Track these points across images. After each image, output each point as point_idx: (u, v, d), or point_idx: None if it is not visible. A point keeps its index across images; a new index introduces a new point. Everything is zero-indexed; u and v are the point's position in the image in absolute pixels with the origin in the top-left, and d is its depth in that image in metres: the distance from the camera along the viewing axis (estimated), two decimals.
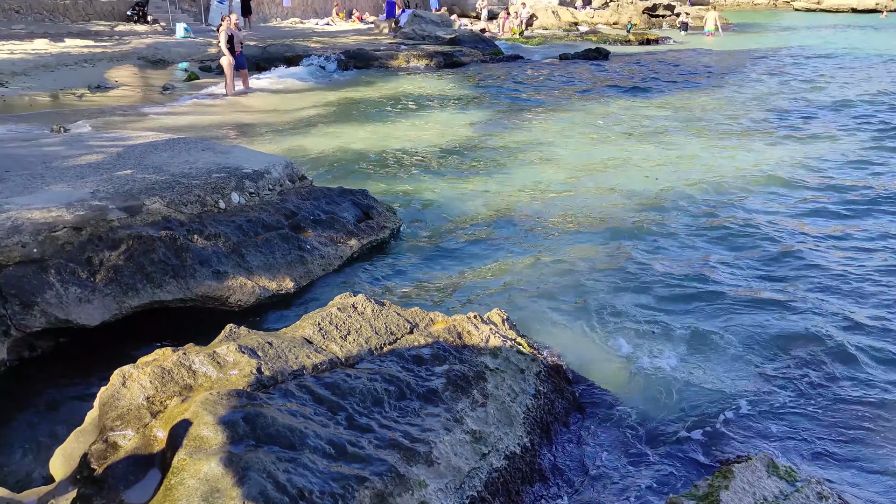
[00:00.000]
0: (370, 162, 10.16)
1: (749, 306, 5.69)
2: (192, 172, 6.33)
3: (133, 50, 20.36)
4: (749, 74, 19.80)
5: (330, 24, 32.77)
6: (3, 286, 4.32)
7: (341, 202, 7.13)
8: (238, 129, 12.19)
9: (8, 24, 22.85)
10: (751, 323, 5.39)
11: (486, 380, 3.96)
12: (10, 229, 4.62)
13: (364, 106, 14.77)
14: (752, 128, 12.64)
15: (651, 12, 39.29)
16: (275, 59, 20.54)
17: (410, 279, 6.24)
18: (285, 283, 5.61)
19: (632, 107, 14.76)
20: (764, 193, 8.74)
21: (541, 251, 6.85)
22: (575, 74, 19.97)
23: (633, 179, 9.25)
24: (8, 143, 7.06)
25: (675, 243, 7.09)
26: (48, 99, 13.80)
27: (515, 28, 33.67)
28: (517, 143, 11.35)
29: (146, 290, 4.90)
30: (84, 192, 5.51)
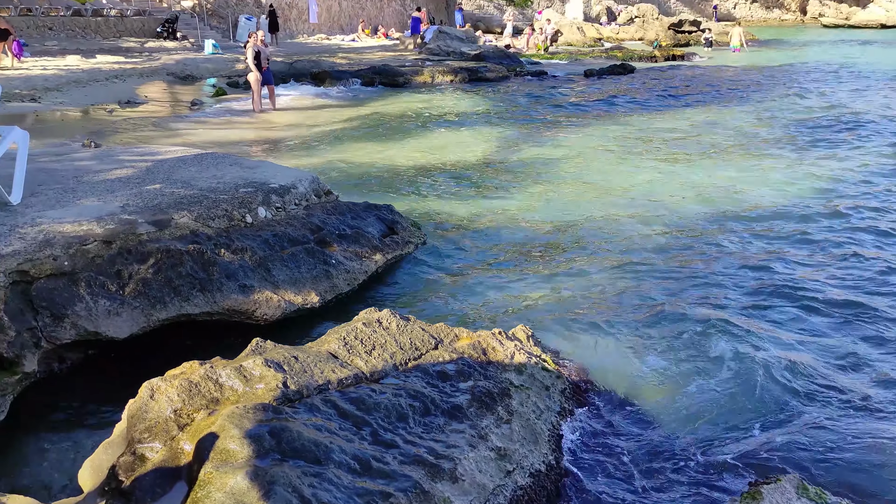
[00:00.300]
0: (395, 177, 10.21)
1: (777, 325, 5.62)
2: (219, 187, 6.40)
3: (162, 66, 20.68)
4: (774, 90, 19.66)
5: (356, 40, 33.06)
6: (35, 298, 4.38)
7: (366, 217, 7.16)
8: (265, 144, 12.31)
9: (42, 41, 23.32)
10: (779, 342, 5.33)
11: (510, 396, 3.95)
12: (42, 242, 4.70)
13: (389, 121, 14.86)
14: (778, 144, 12.53)
15: (676, 28, 39.19)
16: (301, 74, 20.75)
17: (434, 294, 6.24)
18: (310, 297, 5.64)
19: (657, 123, 14.71)
20: (793, 211, 8.65)
21: (566, 267, 6.83)
22: (600, 90, 19.95)
23: (660, 197, 9.20)
24: (41, 158, 7.18)
25: (702, 262, 7.03)
26: (79, 114, 14.03)
27: (540, 44, 33.75)
28: (542, 160, 11.35)
29: (174, 304, 4.95)
30: (114, 206, 5.59)
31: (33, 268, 4.47)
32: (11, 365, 3.97)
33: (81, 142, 10.57)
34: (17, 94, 14.47)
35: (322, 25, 34.46)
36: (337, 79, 20.28)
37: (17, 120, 11.97)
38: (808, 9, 62.39)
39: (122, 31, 26.29)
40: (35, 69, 18.26)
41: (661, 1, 56.47)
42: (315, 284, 5.78)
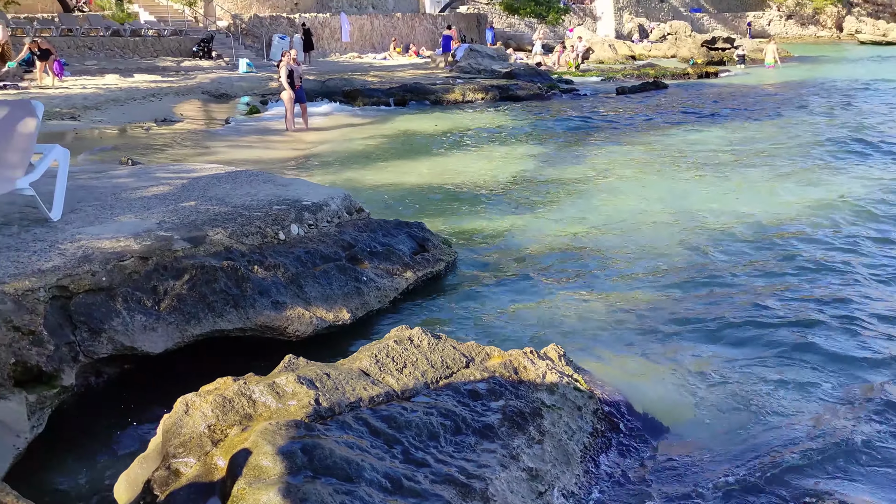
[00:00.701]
0: (426, 194, 10.26)
1: (821, 344, 5.52)
2: (253, 204, 6.48)
3: (198, 84, 21.05)
4: (808, 107, 19.44)
5: (387, 58, 33.36)
6: (74, 313, 4.46)
7: (397, 234, 7.19)
8: (297, 161, 12.45)
9: (82, 60, 23.87)
10: (824, 361, 5.22)
11: (542, 416, 3.93)
12: (81, 258, 4.79)
13: (420, 139, 14.95)
14: (812, 161, 12.38)
15: (710, 45, 38.97)
16: (334, 92, 20.99)
17: (465, 312, 6.24)
18: (342, 314, 5.67)
19: (691, 139, 14.62)
20: (832, 227, 8.52)
21: (598, 286, 6.79)
22: (632, 107, 19.90)
23: (694, 214, 9.13)
24: (81, 175, 7.34)
25: (739, 279, 6.95)
26: (116, 132, 14.31)
27: (571, 61, 33.76)
28: (573, 177, 11.33)
29: (208, 319, 5.00)
30: (151, 222, 5.68)
31: (72, 283, 4.56)
32: (50, 378, 4.03)
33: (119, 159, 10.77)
34: (58, 113, 14.81)
35: (354, 44, 34.83)
36: (368, 97, 20.48)
37: (57, 138, 12.25)
38: (845, 25, 61.69)
39: (160, 51, 26.81)
40: (75, 88, 18.69)
41: (694, 18, 56.26)
42: (346, 301, 5.81)
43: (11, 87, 18.21)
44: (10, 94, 16.79)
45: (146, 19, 29.95)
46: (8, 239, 5.08)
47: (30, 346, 4.04)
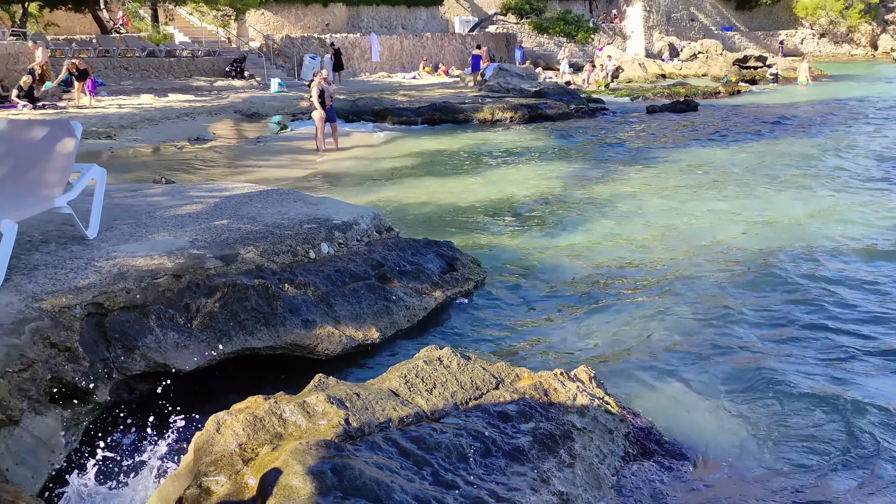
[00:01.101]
0: (455, 213, 10.28)
1: (864, 371, 5.42)
2: (284, 223, 6.54)
3: (230, 104, 21.36)
4: (841, 125, 19.20)
5: (416, 77, 33.59)
6: (108, 330, 4.52)
7: (426, 253, 7.21)
8: (327, 180, 12.55)
9: (118, 80, 24.35)
10: (865, 391, 5.12)
11: (573, 439, 3.89)
12: (116, 276, 4.86)
13: (449, 158, 15.01)
14: (845, 180, 12.20)
15: (741, 64, 38.73)
16: (363, 112, 21.16)
17: (495, 332, 6.22)
18: (371, 333, 5.68)
19: (722, 159, 14.50)
20: (866, 249, 8.38)
21: (628, 307, 6.74)
22: (662, 127, 19.80)
23: (726, 234, 9.03)
24: (117, 194, 7.46)
25: (772, 301, 6.85)
26: (150, 150, 14.55)
27: (601, 80, 33.74)
28: (603, 196, 11.29)
29: (239, 337, 5.04)
30: (184, 240, 5.75)
31: (107, 300, 4.62)
32: (85, 395, 4.09)
33: (153, 178, 10.94)
34: (94, 132, 15.11)
35: (384, 64, 35.15)
36: (398, 116, 20.62)
37: (93, 156, 12.48)
38: (879, 44, 60.98)
39: (193, 71, 27.27)
40: (111, 108, 19.06)
41: (725, 37, 55.99)
42: (375, 320, 5.83)
43: (50, 106, 18.62)
44: (49, 114, 17.17)
45: (181, 40, 30.50)
46: (46, 256, 5.18)
47: (66, 362, 4.10)
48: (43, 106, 18.41)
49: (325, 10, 35.59)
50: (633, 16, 49.75)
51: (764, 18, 61.50)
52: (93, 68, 22.10)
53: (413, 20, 41.60)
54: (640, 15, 49.15)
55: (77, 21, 32.00)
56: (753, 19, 61.04)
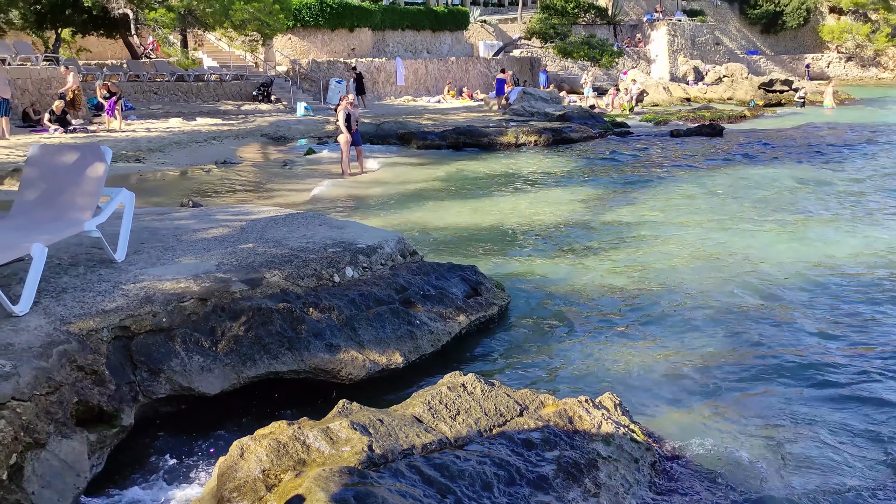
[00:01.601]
0: (479, 237, 10.27)
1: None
2: (309, 247, 6.57)
3: (257, 127, 21.60)
4: (867, 152, 18.99)
5: (441, 101, 33.79)
6: (134, 353, 4.56)
7: (450, 278, 7.20)
8: (352, 203, 12.62)
9: (147, 105, 24.75)
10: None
11: (598, 468, 3.84)
12: (143, 299, 4.90)
13: (473, 181, 15.04)
14: (872, 207, 12.05)
15: (767, 88, 38.53)
16: (388, 135, 21.29)
17: (519, 358, 6.18)
18: (395, 357, 5.67)
19: (747, 184, 14.38)
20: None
21: (653, 333, 6.67)
22: (687, 151, 19.71)
23: (754, 260, 8.93)
24: (145, 217, 7.55)
25: (804, 328, 6.74)
26: (178, 174, 14.73)
27: (625, 104, 33.72)
28: (628, 220, 11.23)
29: (263, 361, 5.05)
30: (210, 264, 5.80)
31: (134, 323, 4.67)
32: (111, 418, 4.11)
33: (180, 201, 11.07)
34: (124, 155, 15.34)
35: (409, 88, 35.41)
36: (422, 139, 20.70)
37: (122, 179, 12.66)
38: None
39: (221, 95, 27.65)
40: (140, 131, 19.36)
41: (751, 60, 55.79)
42: (399, 345, 5.81)
43: (81, 130, 18.94)
44: (80, 138, 17.47)
45: (209, 65, 30.97)
46: (75, 279, 5.24)
47: (92, 385, 4.14)
48: (74, 130, 18.74)
49: (352, 35, 36.00)
50: (658, 40, 49.80)
51: (790, 42, 61.26)
52: (123, 92, 22.50)
53: (438, 44, 41.95)
54: (665, 39, 49.19)
55: (108, 46, 32.64)
56: (779, 43, 60.82)
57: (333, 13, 34.46)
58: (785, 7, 58.54)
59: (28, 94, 20.61)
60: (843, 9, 59.66)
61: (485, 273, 7.63)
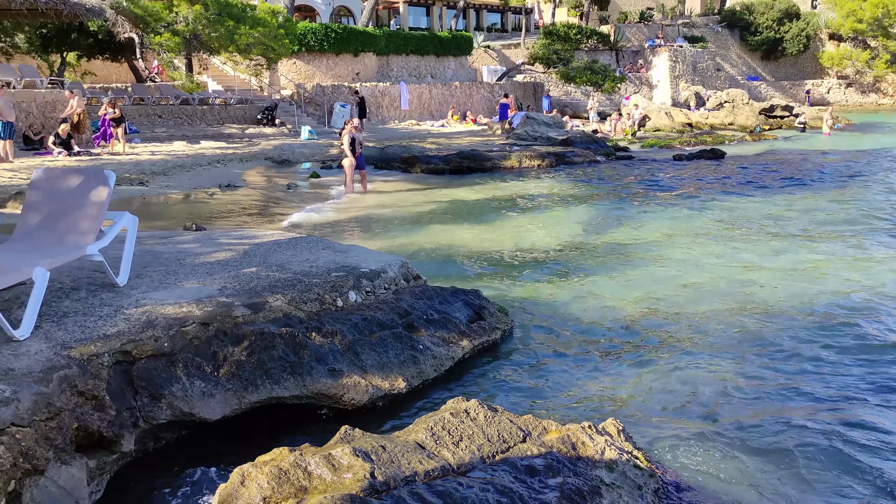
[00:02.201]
0: (483, 261, 10.26)
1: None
2: (312, 271, 6.56)
3: (261, 151, 21.69)
4: (872, 176, 19.02)
5: (445, 125, 33.96)
6: (135, 378, 4.53)
7: (454, 302, 7.18)
8: (356, 227, 12.63)
9: (151, 128, 24.89)
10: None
11: (601, 495, 3.80)
12: (145, 324, 4.89)
13: (477, 205, 15.06)
14: (871, 232, 12.03)
15: (768, 113, 38.74)
16: (392, 159, 21.36)
17: (522, 383, 6.15)
18: (397, 382, 5.64)
19: (749, 208, 14.40)
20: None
21: (655, 359, 6.63)
22: (689, 175, 19.76)
23: (754, 286, 8.90)
24: (148, 241, 7.56)
25: (805, 357, 6.71)
26: (181, 197, 14.76)
27: (628, 129, 33.86)
28: (631, 244, 11.22)
29: (265, 386, 5.02)
30: (213, 288, 5.79)
31: (136, 348, 4.65)
32: (111, 444, 4.08)
33: (184, 224, 11.09)
34: (127, 178, 15.39)
35: (413, 112, 35.60)
36: (426, 163, 20.75)
37: (125, 203, 12.69)
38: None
39: (225, 118, 27.81)
40: (144, 154, 19.44)
41: (751, 86, 56.10)
42: (402, 370, 5.79)
43: (84, 153, 19.03)
44: (84, 160, 17.56)
45: (214, 88, 31.20)
46: (76, 304, 5.23)
47: (92, 411, 4.11)
48: (78, 153, 18.83)
49: (356, 60, 36.28)
50: (660, 65, 50.10)
51: (790, 68, 61.62)
52: (127, 115, 22.64)
53: (442, 69, 42.24)
54: (667, 65, 49.49)
55: (113, 70, 32.95)
56: (779, 69, 61.17)
57: (338, 38, 34.76)
58: (785, 34, 58.94)
59: (32, 116, 20.75)
60: (843, 36, 60.06)
61: (488, 297, 7.61)
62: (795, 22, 59.21)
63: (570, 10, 59.33)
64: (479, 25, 56.84)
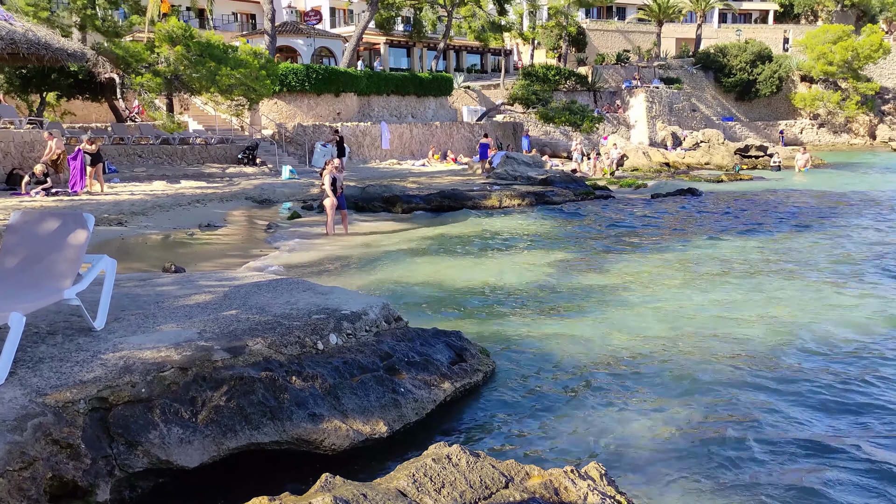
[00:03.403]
0: (464, 301, 10.26)
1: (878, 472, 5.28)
2: (293, 313, 6.52)
3: (242, 190, 21.67)
4: (843, 217, 19.35)
5: (426, 164, 34.15)
6: (112, 425, 4.45)
7: (435, 344, 7.15)
8: (337, 267, 12.60)
9: (131, 168, 24.82)
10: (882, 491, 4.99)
11: None
12: (122, 369, 4.82)
13: (458, 245, 15.09)
14: (845, 272, 12.19)
15: (743, 153, 39.40)
16: (373, 199, 21.40)
17: (504, 426, 6.11)
18: (379, 427, 5.58)
19: (726, 248, 14.55)
20: (871, 343, 8.29)
21: (640, 401, 6.62)
22: (667, 214, 19.97)
23: (733, 326, 8.96)
24: (126, 283, 7.48)
25: (783, 398, 6.73)
26: (160, 238, 14.68)
27: (606, 168, 34.24)
28: (611, 285, 11.27)
29: (244, 432, 4.95)
30: (192, 332, 5.73)
31: (112, 394, 4.57)
32: (86, 494, 3.99)
33: (163, 265, 11.01)
34: (106, 219, 15.28)
35: (394, 151, 35.81)
36: (407, 203, 20.82)
37: (104, 244, 12.58)
38: (877, 133, 62.16)
39: (206, 158, 27.80)
40: (123, 194, 19.35)
41: (726, 126, 57.10)
42: (383, 414, 5.73)
43: (62, 192, 18.91)
44: (63, 200, 17.43)
45: (195, 128, 31.25)
46: (52, 349, 5.15)
47: (67, 459, 4.02)
48: (56, 192, 18.70)
49: (337, 100, 36.52)
50: (637, 106, 51.00)
51: (763, 109, 62.86)
52: (107, 155, 22.56)
53: (422, 109, 42.61)
54: (643, 105, 50.38)
55: (93, 109, 32.92)
56: (753, 110, 62.38)
57: (319, 79, 35.02)
58: (758, 76, 60.22)
59: (11, 157, 20.62)
60: (814, 77, 61.49)
61: (469, 338, 7.59)
62: (768, 64, 60.56)
63: (549, 51, 60.32)
64: (459, 66, 57.62)
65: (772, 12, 74.57)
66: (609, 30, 65.86)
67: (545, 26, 58.16)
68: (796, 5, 74.05)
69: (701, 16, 64.23)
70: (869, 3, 72.14)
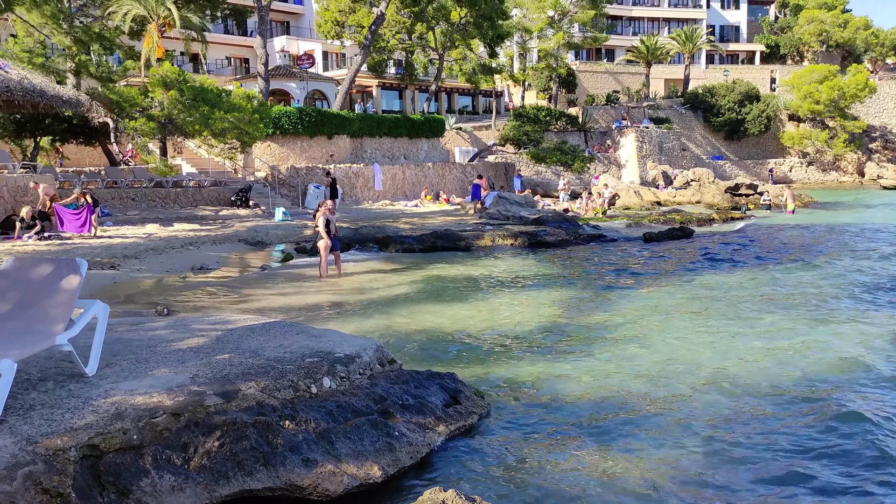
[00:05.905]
0: (458, 342, 10.22)
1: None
2: (286, 357, 6.49)
3: (234, 233, 21.66)
4: (832, 254, 19.47)
5: (418, 205, 34.26)
6: (103, 473, 4.40)
7: (429, 386, 7.12)
8: (330, 309, 12.56)
9: (124, 211, 24.82)
10: None
11: None
12: (113, 416, 4.77)
13: (451, 285, 15.08)
14: (846, 308, 12.23)
15: (733, 192, 39.71)
16: (367, 239, 21.43)
17: (499, 469, 6.05)
18: (373, 471, 5.52)
19: (720, 287, 14.58)
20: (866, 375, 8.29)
21: (633, 444, 6.58)
22: (659, 254, 20.03)
23: (728, 365, 8.95)
24: (119, 327, 7.44)
25: (780, 437, 6.70)
26: (153, 281, 14.63)
27: (598, 207, 34.40)
28: (604, 325, 11.26)
29: (237, 479, 4.90)
30: (184, 377, 5.69)
31: (104, 442, 4.52)
32: None
33: (154, 308, 10.96)
34: (98, 262, 15.24)
35: (386, 192, 35.94)
36: (400, 243, 20.83)
37: (96, 288, 12.53)
38: (866, 171, 62.80)
39: (199, 200, 27.84)
40: (116, 237, 19.32)
41: (716, 165, 57.61)
42: (377, 458, 5.68)
43: (55, 237, 18.88)
44: (55, 244, 17.39)
45: (188, 171, 31.32)
46: (43, 395, 5.11)
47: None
48: (49, 237, 18.67)
49: (330, 142, 36.74)
50: (627, 146, 51.50)
51: (752, 148, 63.50)
52: (101, 199, 22.56)
53: (415, 150, 42.89)
54: (634, 145, 50.90)
55: (87, 153, 33.02)
56: (742, 148, 63.01)
57: (312, 121, 35.27)
58: (746, 115, 60.95)
59: (3, 201, 20.61)
60: (802, 116, 62.27)
61: (463, 379, 7.56)
62: (756, 104, 61.34)
63: (539, 92, 61.02)
64: (451, 108, 58.16)
65: (758, 53, 75.79)
66: (598, 71, 66.74)
67: (535, 68, 58.89)
68: (782, 46, 75.30)
69: (689, 57, 65.17)
70: (854, 43, 73.43)
